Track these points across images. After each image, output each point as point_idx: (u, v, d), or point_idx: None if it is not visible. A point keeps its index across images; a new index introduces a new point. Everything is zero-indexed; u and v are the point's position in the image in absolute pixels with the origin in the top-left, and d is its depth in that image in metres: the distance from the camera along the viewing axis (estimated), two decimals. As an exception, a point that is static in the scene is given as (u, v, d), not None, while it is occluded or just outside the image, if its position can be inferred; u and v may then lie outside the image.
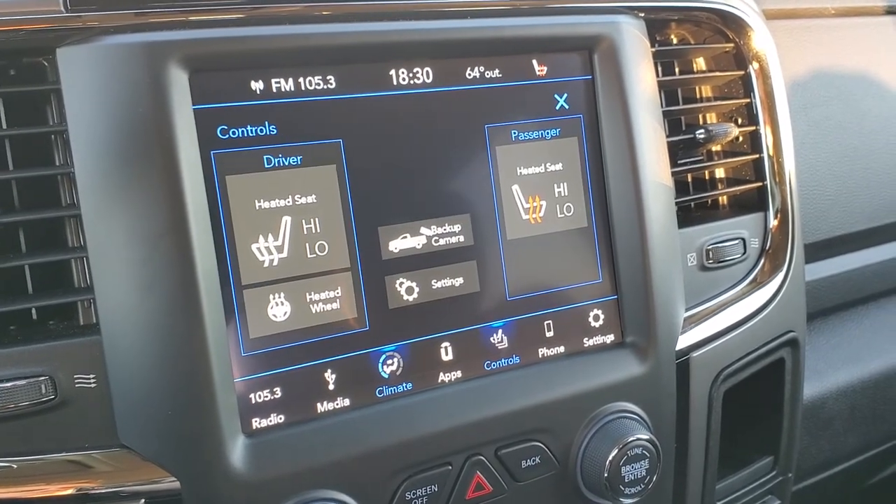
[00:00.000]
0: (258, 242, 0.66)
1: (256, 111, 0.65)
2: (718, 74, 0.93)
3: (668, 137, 0.84)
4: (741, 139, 0.94)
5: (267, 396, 0.66)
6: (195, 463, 0.63)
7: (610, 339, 0.80)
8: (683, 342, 0.83)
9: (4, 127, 0.64)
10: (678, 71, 0.93)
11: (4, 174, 0.64)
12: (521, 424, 0.74)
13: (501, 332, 0.75)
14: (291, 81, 0.67)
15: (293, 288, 0.67)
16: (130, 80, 0.61)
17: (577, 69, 0.78)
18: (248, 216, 0.65)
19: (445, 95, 0.72)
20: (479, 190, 0.74)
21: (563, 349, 0.78)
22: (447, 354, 0.73)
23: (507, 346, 0.75)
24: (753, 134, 0.93)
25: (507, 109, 0.75)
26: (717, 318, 0.87)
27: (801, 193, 0.98)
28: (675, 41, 0.93)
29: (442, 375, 0.73)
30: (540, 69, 0.76)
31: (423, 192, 0.72)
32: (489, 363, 0.75)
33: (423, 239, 0.72)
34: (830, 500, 1.34)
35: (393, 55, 0.70)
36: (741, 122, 0.94)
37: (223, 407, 0.63)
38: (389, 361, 0.71)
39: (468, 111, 0.73)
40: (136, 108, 0.61)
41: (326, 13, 0.69)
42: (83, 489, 0.62)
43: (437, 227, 0.72)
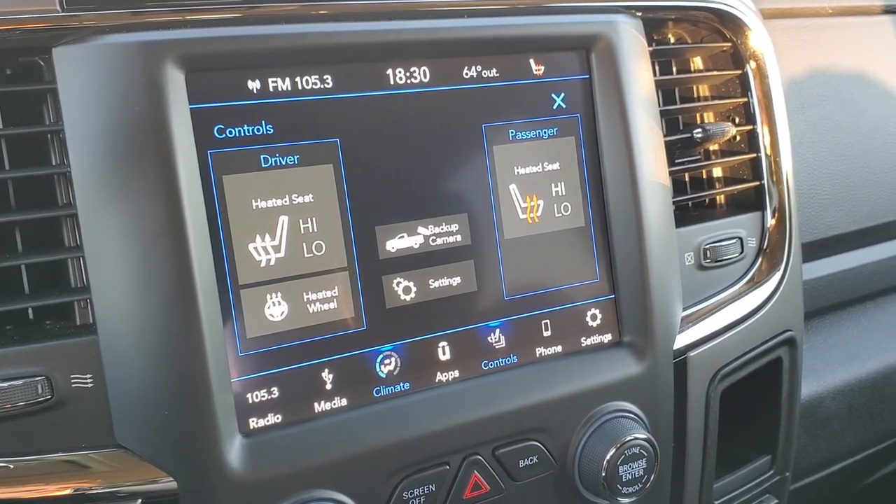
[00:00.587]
0: (255, 242, 0.66)
1: (253, 111, 0.65)
2: (716, 74, 0.93)
3: (665, 137, 0.84)
4: (738, 138, 0.94)
5: (264, 396, 0.66)
6: (192, 463, 0.63)
7: (607, 338, 0.80)
8: (681, 341, 0.83)
9: (0, 126, 0.64)
10: (675, 70, 0.93)
11: (1, 174, 0.64)
12: (518, 424, 0.74)
13: (499, 331, 0.75)
14: (288, 81, 0.67)
15: (290, 288, 0.67)
16: (127, 79, 0.61)
17: (574, 68, 0.78)
18: (244, 216, 0.65)
19: (442, 95, 0.72)
20: (476, 189, 0.74)
21: (560, 349, 0.78)
22: (444, 354, 0.73)
23: (504, 345, 0.75)
24: (751, 133, 0.93)
25: (504, 109, 0.75)
26: (714, 317, 0.87)
27: (798, 192, 0.98)
28: (672, 40, 0.93)
29: (439, 375, 0.73)
30: (537, 68, 0.76)
31: (420, 191, 0.72)
32: (486, 363, 0.75)
33: (420, 238, 0.72)
34: (828, 499, 1.34)
35: (390, 54, 0.70)
36: (738, 121, 0.94)
37: (220, 407, 0.63)
38: (387, 361, 0.71)
39: (465, 111, 0.73)
40: (132, 107, 0.61)
41: (323, 12, 0.69)
42: (80, 489, 0.62)
43: (434, 226, 0.72)
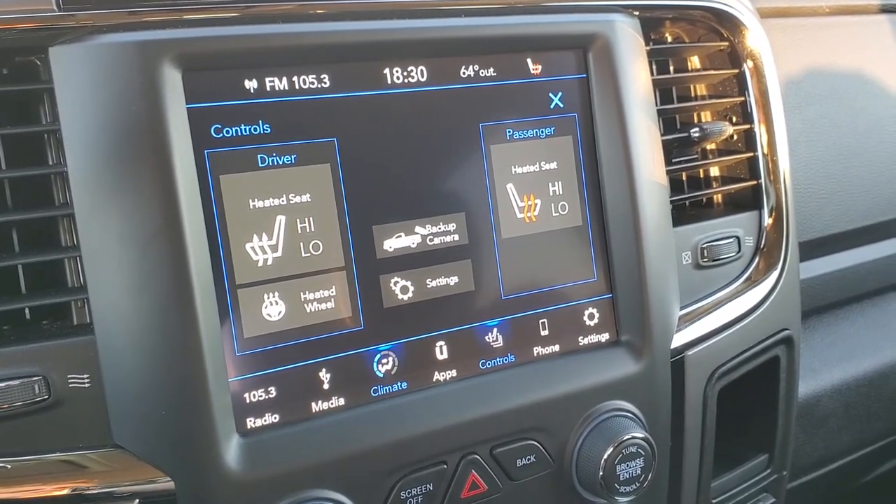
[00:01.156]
0: (252, 242, 0.66)
1: (250, 110, 0.65)
2: (713, 73, 0.93)
3: (662, 136, 0.84)
4: (735, 137, 0.94)
5: (261, 396, 0.66)
6: (190, 463, 0.63)
7: (605, 337, 0.80)
8: (678, 340, 0.83)
9: (-3, 126, 0.64)
10: (673, 69, 0.93)
11: (-3, 174, 0.64)
12: (516, 423, 0.74)
13: (496, 330, 0.75)
14: (285, 80, 0.66)
15: (287, 287, 0.67)
16: (124, 79, 0.61)
17: (571, 68, 0.78)
18: (242, 215, 0.65)
19: (440, 94, 0.72)
20: (473, 189, 0.74)
21: (557, 348, 0.78)
22: (442, 353, 0.73)
23: (501, 344, 0.75)
24: (748, 132, 0.93)
25: (501, 108, 0.75)
26: (711, 316, 0.87)
27: (795, 192, 0.98)
28: (669, 39, 0.93)
29: (437, 374, 0.73)
30: (534, 68, 0.76)
31: (417, 190, 0.72)
32: (484, 362, 0.75)
33: (417, 238, 0.72)
34: (825, 497, 1.34)
35: (387, 54, 0.70)
36: (735, 120, 0.94)
37: (217, 406, 0.63)
38: (384, 361, 0.71)
39: (463, 110, 0.73)
40: (129, 107, 0.61)
41: (320, 12, 0.69)
42: (77, 489, 0.62)
43: (431, 225, 0.72)
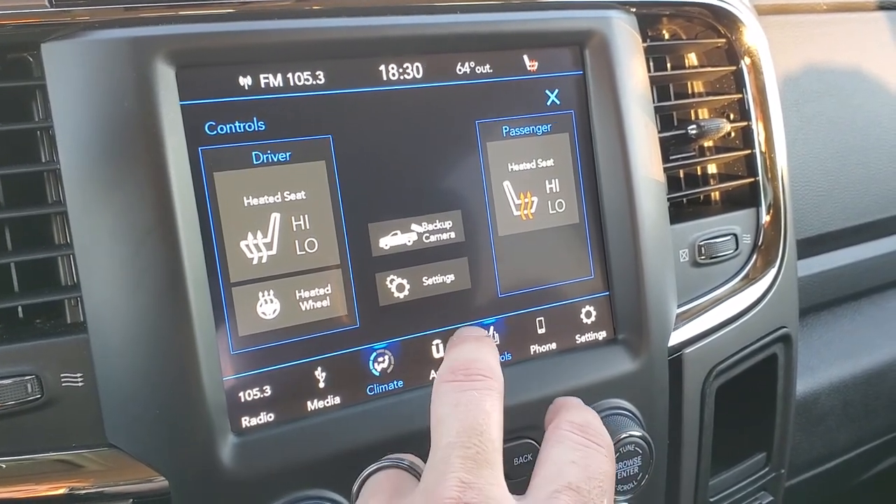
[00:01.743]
0: (247, 239, 0.65)
1: (244, 107, 0.65)
2: (710, 70, 0.92)
3: (659, 133, 0.84)
4: (733, 135, 0.93)
5: (256, 395, 0.66)
6: (184, 462, 0.63)
7: (602, 335, 0.80)
8: (676, 338, 0.83)
9: (-11, 123, 0.63)
10: (670, 66, 0.93)
11: (-11, 171, 0.63)
12: (512, 422, 0.73)
13: (493, 328, 0.75)
14: (280, 77, 0.66)
15: (282, 285, 0.67)
16: (117, 75, 0.60)
17: (568, 64, 0.78)
18: (236, 213, 0.65)
19: (436, 91, 0.72)
20: (469, 186, 0.74)
21: (554, 346, 0.78)
22: (438, 352, 0.73)
23: (498, 342, 0.75)
24: (745, 129, 0.93)
25: (497, 105, 0.75)
26: (709, 314, 0.87)
27: (793, 189, 0.98)
28: (666, 36, 0.93)
29: (433, 373, 0.72)
30: (531, 64, 0.76)
31: (413, 188, 0.71)
32: (481, 360, 0.74)
33: (413, 236, 0.71)
34: (823, 495, 1.34)
35: (383, 50, 0.70)
36: (733, 117, 0.93)
37: (212, 405, 0.63)
38: (380, 359, 0.71)
39: (459, 107, 0.73)
40: (122, 104, 0.60)
41: (315, 8, 0.68)
42: (71, 489, 0.62)
43: (427, 223, 0.72)
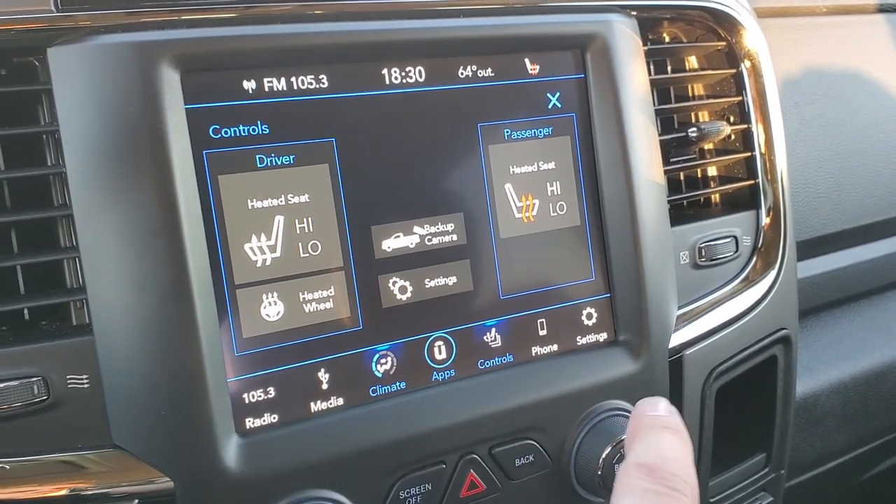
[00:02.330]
0: (251, 242, 0.66)
1: (249, 111, 0.65)
2: (710, 73, 0.93)
3: (660, 136, 0.84)
4: (733, 137, 0.94)
5: (260, 396, 0.66)
6: (189, 463, 0.63)
7: (603, 337, 0.80)
8: (676, 340, 0.83)
9: (-5, 127, 0.64)
10: (670, 69, 0.93)
11: (-4, 174, 0.64)
12: (514, 423, 0.74)
13: (495, 330, 0.75)
14: (284, 81, 0.67)
15: (286, 287, 0.67)
16: (122, 79, 0.61)
17: (569, 68, 0.78)
18: (240, 216, 0.65)
19: (438, 94, 0.72)
20: (471, 189, 0.74)
21: (556, 347, 0.78)
22: (440, 353, 0.73)
23: (500, 344, 0.76)
24: (745, 132, 0.93)
25: (499, 108, 0.75)
26: (709, 315, 0.87)
27: (792, 191, 0.98)
28: (667, 40, 0.93)
29: (435, 374, 0.73)
30: (532, 68, 0.77)
31: (415, 191, 0.72)
32: (483, 362, 0.75)
33: (416, 238, 0.72)
34: (823, 496, 1.35)
35: (385, 54, 0.70)
36: (733, 120, 0.94)
37: (216, 407, 0.63)
38: (383, 360, 0.71)
39: (461, 110, 0.73)
40: (127, 107, 0.61)
41: (319, 12, 0.69)
42: (76, 490, 0.62)
43: (430, 226, 0.72)
